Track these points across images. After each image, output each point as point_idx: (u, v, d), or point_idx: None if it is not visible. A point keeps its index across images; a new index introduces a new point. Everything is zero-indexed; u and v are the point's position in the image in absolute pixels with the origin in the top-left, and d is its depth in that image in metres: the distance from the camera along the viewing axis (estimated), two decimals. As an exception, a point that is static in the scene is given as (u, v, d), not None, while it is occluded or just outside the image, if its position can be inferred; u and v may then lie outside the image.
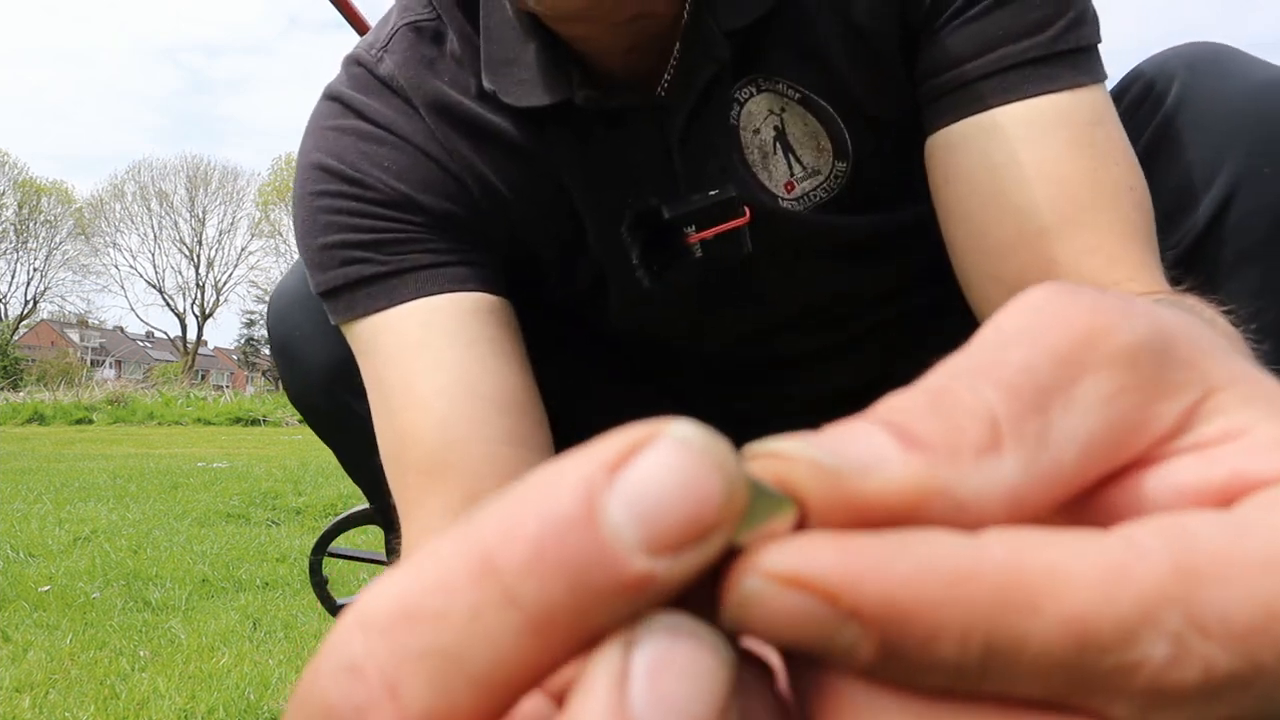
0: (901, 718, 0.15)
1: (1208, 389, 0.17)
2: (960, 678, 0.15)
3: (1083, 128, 0.65)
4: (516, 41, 0.74)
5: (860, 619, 0.14)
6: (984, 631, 0.14)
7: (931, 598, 0.14)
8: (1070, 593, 0.14)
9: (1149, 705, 0.14)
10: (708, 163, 0.75)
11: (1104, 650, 0.14)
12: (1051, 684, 0.14)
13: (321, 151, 0.78)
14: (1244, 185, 0.75)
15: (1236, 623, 0.14)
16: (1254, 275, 0.76)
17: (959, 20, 0.68)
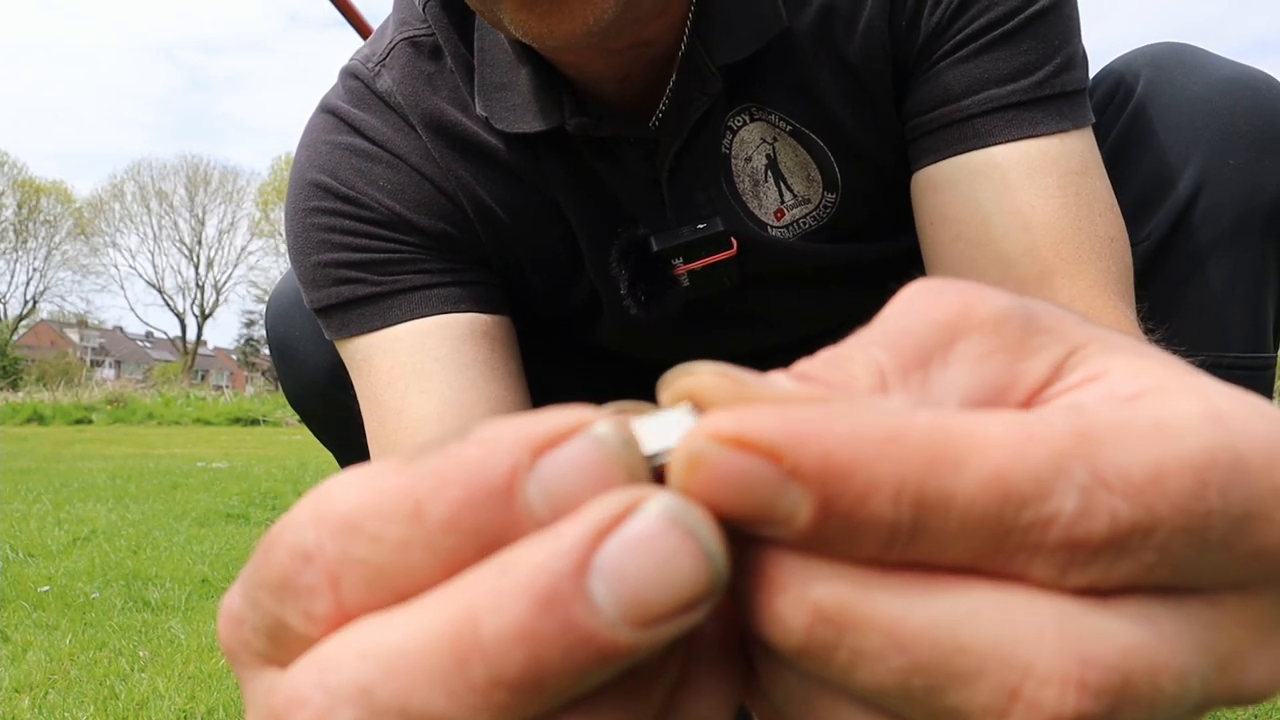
0: (834, 587, 0.16)
1: (1071, 347, 0.19)
2: (893, 541, 0.16)
3: (1068, 177, 0.66)
4: (510, 67, 0.74)
5: (801, 478, 0.16)
6: (915, 487, 0.15)
7: (868, 454, 0.15)
8: (989, 451, 0.16)
9: (1066, 562, 0.16)
10: (695, 195, 0.76)
11: (1022, 503, 0.16)
12: (975, 544, 0.16)
13: (316, 167, 0.78)
14: (1211, 178, 0.76)
15: (1134, 477, 0.16)
16: (1224, 265, 0.77)
17: (949, 61, 0.69)
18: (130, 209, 44.30)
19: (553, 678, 0.15)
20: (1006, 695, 0.16)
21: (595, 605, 0.15)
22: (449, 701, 0.15)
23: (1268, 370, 0.80)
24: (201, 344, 45.88)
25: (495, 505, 0.16)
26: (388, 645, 0.16)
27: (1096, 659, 0.16)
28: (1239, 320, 0.78)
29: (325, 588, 0.17)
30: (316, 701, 0.16)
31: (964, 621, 0.16)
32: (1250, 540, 0.17)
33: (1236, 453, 0.16)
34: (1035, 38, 0.67)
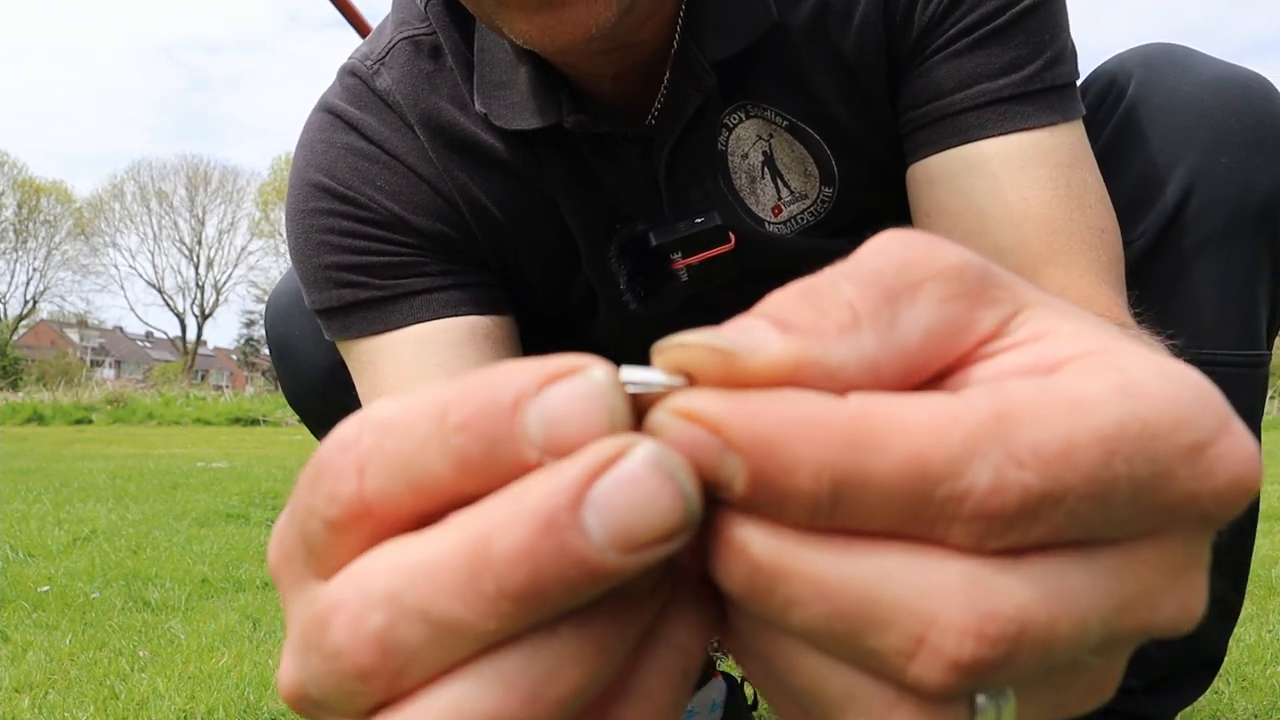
0: (769, 544, 0.19)
1: (1020, 305, 0.21)
2: (816, 511, 0.18)
3: (1059, 169, 0.67)
4: (508, 65, 0.74)
5: (737, 449, 0.18)
6: (833, 467, 0.18)
7: (791, 434, 0.18)
8: (909, 434, 0.18)
9: (982, 531, 0.18)
10: (692, 190, 0.76)
11: (937, 480, 0.18)
12: (895, 516, 0.18)
13: (315, 168, 0.78)
14: (1202, 178, 0.77)
15: (1045, 453, 0.18)
16: (1216, 263, 0.78)
17: (942, 55, 0.70)
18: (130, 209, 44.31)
19: (550, 592, 0.18)
20: (913, 641, 0.18)
21: (587, 532, 0.18)
22: (464, 608, 0.18)
23: (1260, 368, 0.80)
24: (201, 344, 45.89)
25: (501, 419, 0.19)
26: (414, 560, 0.19)
27: (996, 613, 0.18)
28: (1232, 318, 0.78)
29: (352, 473, 0.20)
30: (353, 605, 0.19)
31: (878, 578, 0.18)
32: (1158, 496, 0.19)
33: (1144, 422, 0.18)
34: (1025, 32, 0.68)
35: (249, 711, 1.35)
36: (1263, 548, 2.53)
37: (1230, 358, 0.79)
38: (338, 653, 0.19)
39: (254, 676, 1.49)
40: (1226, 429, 0.19)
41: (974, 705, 0.19)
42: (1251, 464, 0.19)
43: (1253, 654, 1.54)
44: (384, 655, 0.19)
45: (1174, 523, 0.19)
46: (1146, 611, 0.20)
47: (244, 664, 1.57)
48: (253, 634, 1.78)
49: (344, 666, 0.19)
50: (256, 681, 1.47)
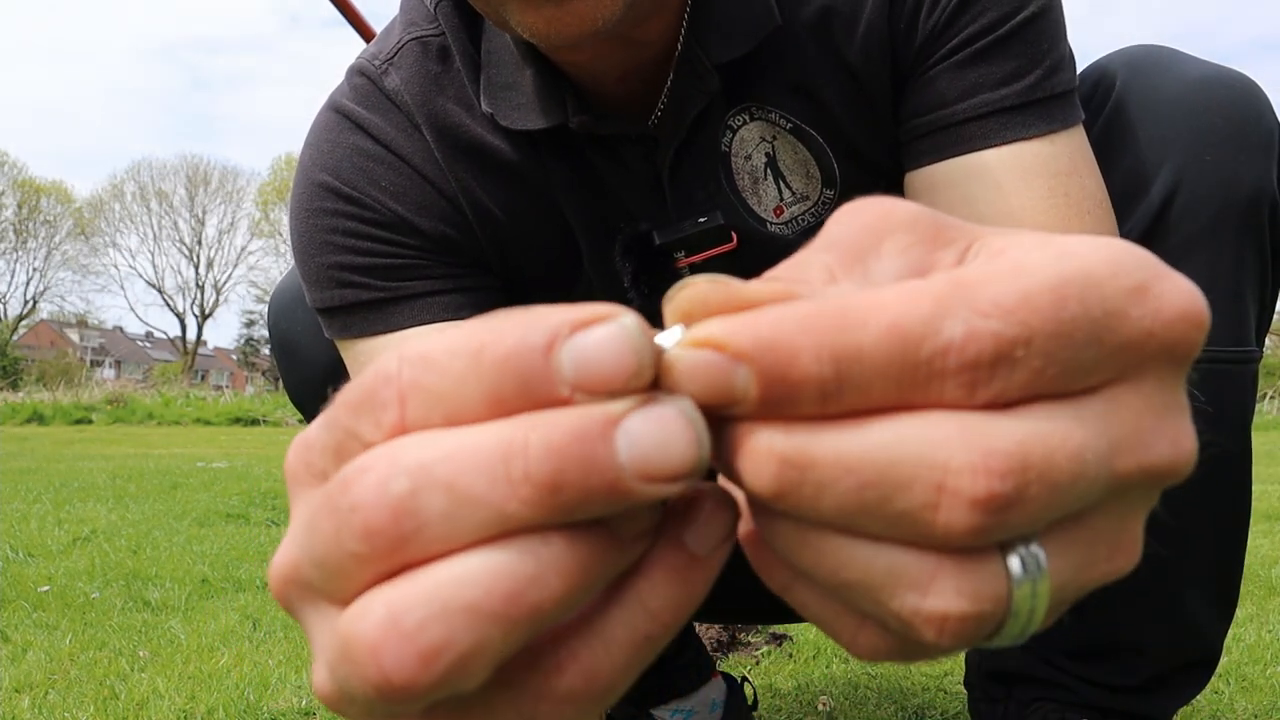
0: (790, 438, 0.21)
1: (973, 238, 0.24)
2: (825, 394, 0.21)
3: (1057, 178, 0.69)
4: (515, 66, 0.75)
5: (745, 359, 0.21)
6: (829, 346, 0.20)
7: (789, 330, 0.21)
8: (885, 309, 0.20)
9: (971, 381, 0.20)
10: (695, 191, 0.77)
11: (919, 340, 0.20)
12: (893, 382, 0.20)
13: (321, 167, 0.78)
14: (1187, 176, 0.77)
15: (1005, 303, 0.20)
16: (1202, 260, 0.79)
17: (944, 65, 0.71)
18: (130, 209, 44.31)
19: (568, 492, 0.20)
20: (935, 490, 0.20)
21: (616, 452, 0.20)
22: (488, 485, 0.20)
23: (1250, 364, 0.81)
24: (201, 344, 45.88)
25: (535, 357, 0.21)
26: (453, 442, 0.21)
27: (996, 449, 0.20)
28: (1219, 315, 0.79)
29: (395, 403, 0.22)
30: (382, 468, 0.21)
31: (892, 443, 0.20)
32: (1116, 334, 0.21)
33: (1085, 271, 0.21)
34: (1025, 43, 0.69)
35: (249, 711, 1.35)
36: (1263, 548, 2.53)
37: (1218, 354, 0.79)
38: (353, 508, 0.21)
39: (254, 676, 1.49)
40: (1163, 274, 0.22)
41: (1008, 566, 0.21)
42: (1195, 297, 0.22)
43: (1253, 654, 1.54)
44: (396, 517, 0.21)
45: (1142, 364, 0.22)
46: (1140, 450, 0.22)
47: (244, 664, 1.57)
48: (253, 634, 1.78)
49: (354, 523, 0.21)
50: (256, 681, 1.47)
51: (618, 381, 0.21)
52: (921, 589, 0.21)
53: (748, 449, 0.21)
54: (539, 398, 0.21)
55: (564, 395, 0.21)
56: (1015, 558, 0.21)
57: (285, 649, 1.67)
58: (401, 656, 0.20)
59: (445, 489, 0.20)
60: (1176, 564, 0.85)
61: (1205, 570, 0.86)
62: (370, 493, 0.21)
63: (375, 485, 0.21)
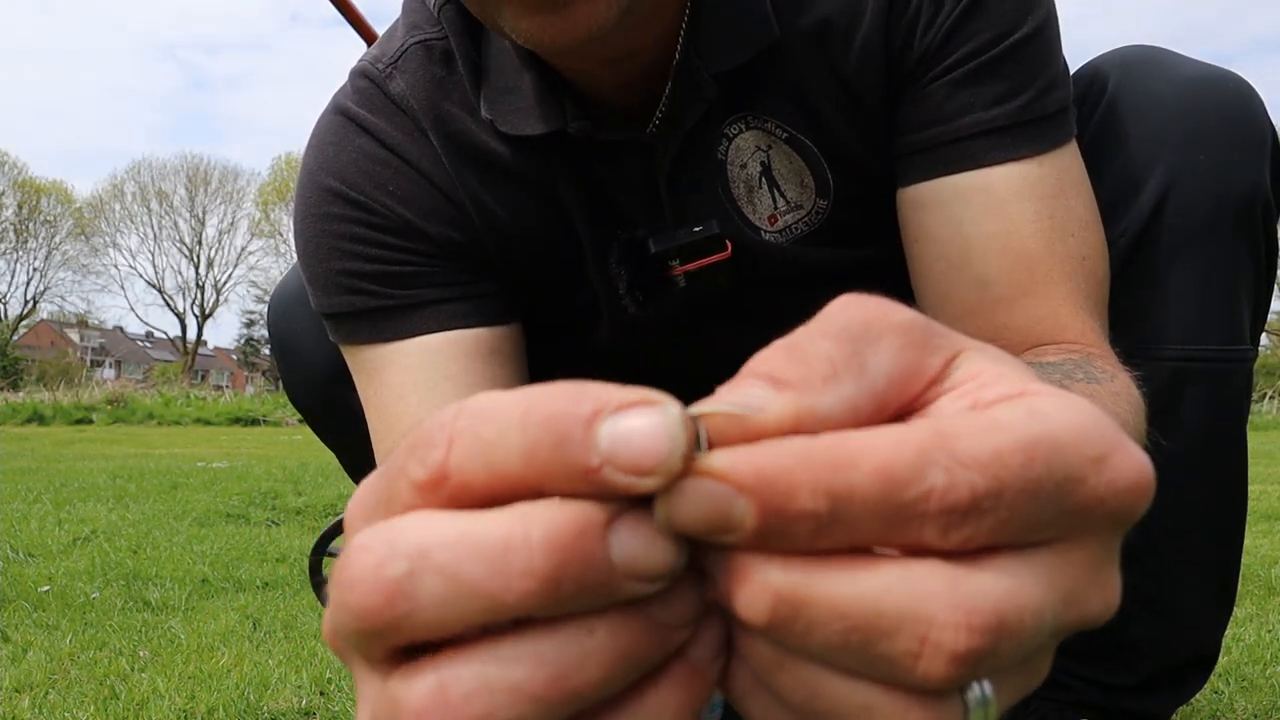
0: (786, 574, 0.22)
1: (957, 349, 0.26)
2: (819, 529, 0.22)
3: (1044, 200, 0.69)
4: (515, 71, 0.74)
5: (745, 490, 0.22)
6: (825, 483, 0.21)
7: (787, 467, 0.22)
8: (875, 453, 0.22)
9: (946, 525, 0.22)
10: (691, 199, 0.77)
11: (904, 485, 0.21)
12: (880, 522, 0.22)
13: (327, 171, 0.78)
14: (1181, 176, 0.78)
15: (980, 458, 0.22)
16: (1197, 260, 0.79)
17: (939, 83, 0.71)
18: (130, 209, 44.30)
19: (565, 585, 0.21)
20: (919, 641, 0.21)
21: (610, 555, 0.22)
22: (487, 575, 0.21)
23: (1244, 363, 0.81)
24: (201, 344, 45.87)
25: (576, 425, 0.22)
26: (453, 526, 0.22)
27: (978, 608, 0.21)
28: (1213, 315, 0.79)
29: (443, 444, 0.23)
30: (379, 550, 0.22)
31: (882, 592, 0.22)
32: (1073, 497, 0.23)
33: (1052, 435, 0.23)
34: (1019, 63, 0.69)
35: (249, 711, 1.35)
36: (1262, 548, 2.53)
37: (1213, 353, 0.79)
38: (350, 586, 0.22)
39: (254, 676, 1.49)
40: (1120, 445, 0.24)
41: (965, 701, 0.23)
42: (1145, 470, 0.24)
43: (1253, 654, 1.54)
44: (390, 600, 0.22)
45: (1091, 524, 0.23)
46: (1081, 604, 0.24)
47: (244, 664, 1.57)
48: (253, 634, 1.78)
49: (350, 601, 0.22)
50: (256, 681, 1.47)
51: (646, 466, 0.22)
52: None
53: (745, 580, 0.23)
54: (570, 464, 0.22)
55: (594, 465, 0.22)
56: (971, 695, 0.23)
57: (285, 649, 1.67)
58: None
59: (443, 575, 0.22)
60: (1174, 563, 0.85)
61: (1203, 569, 0.86)
62: (366, 572, 0.22)
63: (372, 566, 0.22)
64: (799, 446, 0.22)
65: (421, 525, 0.22)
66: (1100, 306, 0.71)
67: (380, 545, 0.22)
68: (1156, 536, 0.83)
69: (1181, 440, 0.79)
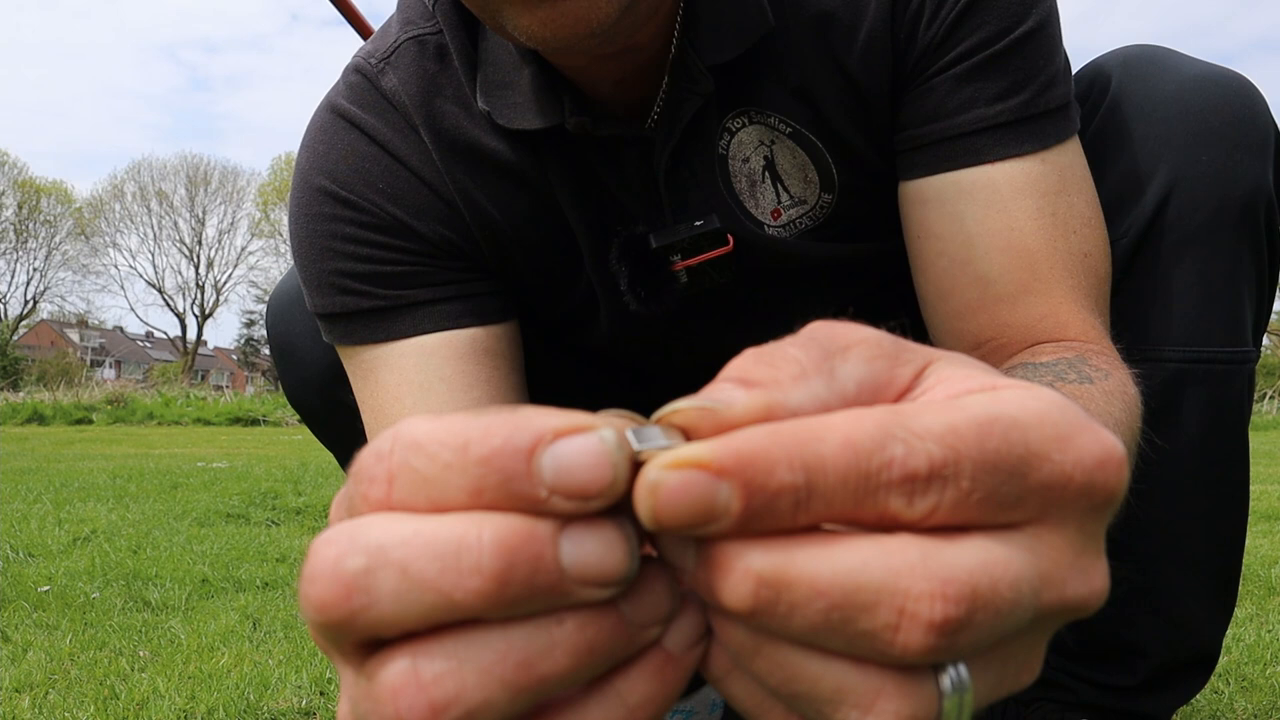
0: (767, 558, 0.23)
1: (927, 360, 0.27)
2: (797, 504, 0.22)
3: (1047, 197, 0.69)
4: (512, 66, 0.74)
5: (726, 474, 0.22)
6: (799, 456, 0.22)
7: (763, 445, 0.23)
8: (837, 428, 0.23)
9: (910, 492, 0.23)
10: (691, 194, 0.77)
11: (869, 454, 0.22)
12: (851, 492, 0.23)
13: (318, 170, 0.78)
14: (1184, 175, 0.77)
15: (936, 431, 0.23)
16: (1199, 260, 0.79)
17: (941, 78, 0.71)
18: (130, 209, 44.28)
19: (513, 586, 0.22)
20: (896, 614, 0.22)
21: (560, 556, 0.23)
22: (439, 573, 0.22)
23: (1246, 364, 0.81)
24: (201, 344, 45.86)
25: (516, 457, 0.23)
26: (410, 526, 0.23)
27: (952, 578, 0.22)
28: (1215, 315, 0.79)
29: (383, 480, 0.24)
30: (340, 544, 0.23)
31: (858, 568, 0.22)
32: (1038, 472, 0.23)
33: (1009, 414, 0.23)
34: (1021, 58, 0.69)
35: (249, 711, 1.35)
36: (1262, 548, 2.53)
37: (1215, 354, 0.79)
38: (311, 579, 0.23)
39: (254, 676, 1.49)
40: (1085, 426, 0.24)
41: (939, 685, 0.24)
42: (1114, 449, 0.24)
43: (1253, 654, 1.54)
44: (348, 593, 0.23)
45: (1063, 505, 0.24)
46: (1060, 585, 0.24)
47: (244, 664, 1.57)
48: (253, 634, 1.78)
49: (310, 594, 0.23)
50: (256, 681, 1.47)
51: (592, 490, 0.23)
52: (864, 707, 0.23)
53: (725, 567, 0.23)
54: (517, 496, 0.23)
55: (541, 496, 0.23)
56: (946, 678, 0.24)
57: (285, 649, 1.67)
58: (415, 703, 0.23)
59: (398, 570, 0.22)
60: (1175, 564, 0.85)
61: (1203, 570, 0.86)
62: (326, 567, 0.23)
63: (332, 560, 0.23)
64: (769, 428, 0.23)
65: (381, 524, 0.23)
66: (1102, 303, 0.71)
67: (341, 541, 0.23)
68: (1157, 537, 0.82)
69: (1183, 441, 0.79)
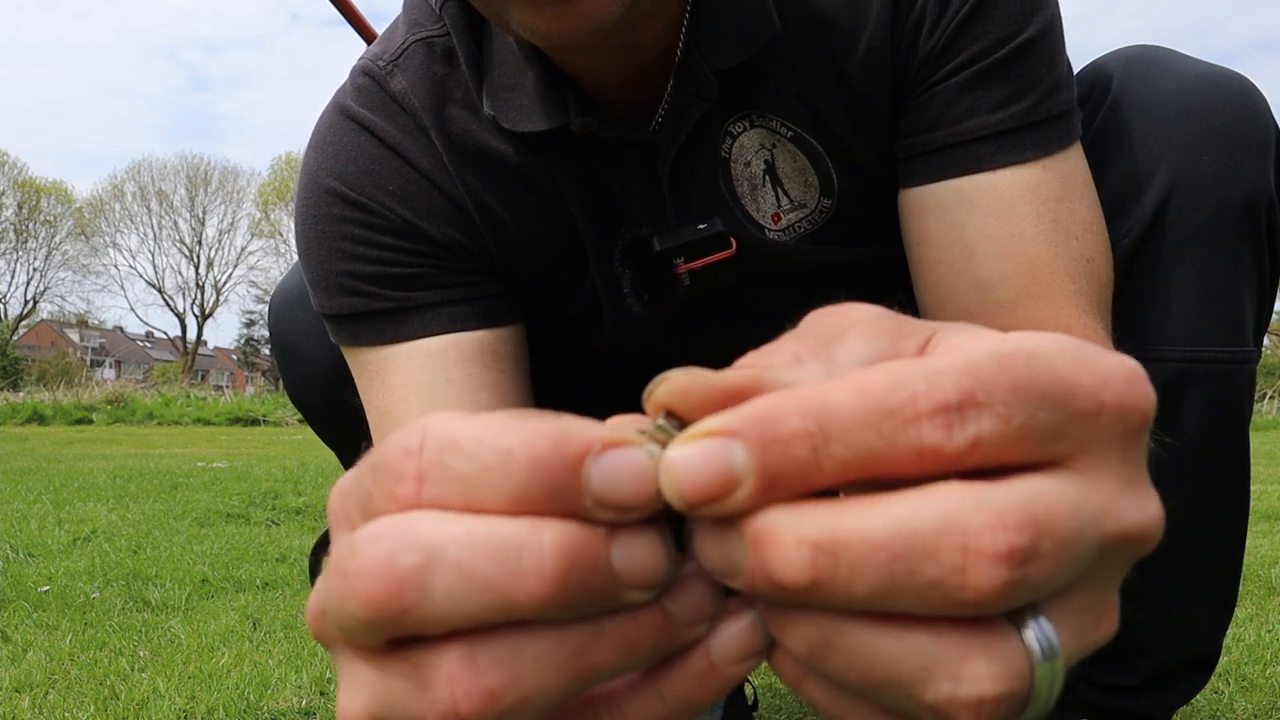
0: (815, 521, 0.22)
1: (933, 331, 0.26)
2: (820, 457, 0.22)
3: (1048, 204, 0.68)
4: (517, 68, 0.74)
5: (737, 434, 0.22)
6: (810, 408, 0.22)
7: (769, 403, 0.23)
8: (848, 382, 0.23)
9: (945, 424, 0.22)
10: (694, 197, 0.77)
11: (887, 396, 0.22)
12: (880, 436, 0.22)
13: (327, 171, 0.78)
14: (1184, 176, 0.77)
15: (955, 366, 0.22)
16: (1199, 261, 0.79)
17: (942, 86, 0.71)
18: (130, 209, 44.28)
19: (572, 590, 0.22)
20: (960, 552, 0.21)
21: (614, 565, 0.23)
22: (499, 573, 0.22)
23: (1247, 364, 0.81)
24: (202, 344, 45.86)
25: (565, 467, 0.23)
26: (466, 525, 0.23)
27: (1006, 508, 0.21)
28: (1216, 315, 0.79)
29: (413, 478, 0.23)
30: (392, 540, 0.23)
31: (910, 516, 0.22)
32: (1073, 403, 0.23)
33: (1027, 348, 0.23)
34: (1024, 65, 0.69)
35: (249, 711, 1.35)
36: (1262, 548, 2.53)
37: (1215, 354, 0.79)
38: (359, 575, 0.23)
39: (254, 676, 1.49)
40: (1104, 353, 0.24)
41: (1025, 643, 0.23)
42: (1135, 368, 0.24)
43: (1253, 654, 1.54)
44: (401, 590, 0.22)
45: (1102, 436, 0.23)
46: (1117, 515, 0.24)
47: (244, 664, 1.57)
48: (253, 634, 1.78)
49: (359, 590, 0.23)
50: (256, 681, 1.47)
51: (636, 504, 0.23)
52: (955, 677, 0.22)
53: (775, 542, 0.22)
54: (560, 504, 0.23)
55: (586, 506, 0.23)
56: (1030, 634, 0.23)
57: (285, 649, 1.67)
58: (472, 690, 0.23)
59: (456, 569, 0.22)
60: (1175, 563, 0.85)
61: (1204, 570, 0.86)
62: (377, 563, 0.22)
63: (384, 556, 0.22)
64: (777, 394, 0.23)
65: (432, 522, 0.23)
66: (1104, 309, 0.71)
67: (392, 537, 0.23)
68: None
69: (1183, 441, 0.79)
